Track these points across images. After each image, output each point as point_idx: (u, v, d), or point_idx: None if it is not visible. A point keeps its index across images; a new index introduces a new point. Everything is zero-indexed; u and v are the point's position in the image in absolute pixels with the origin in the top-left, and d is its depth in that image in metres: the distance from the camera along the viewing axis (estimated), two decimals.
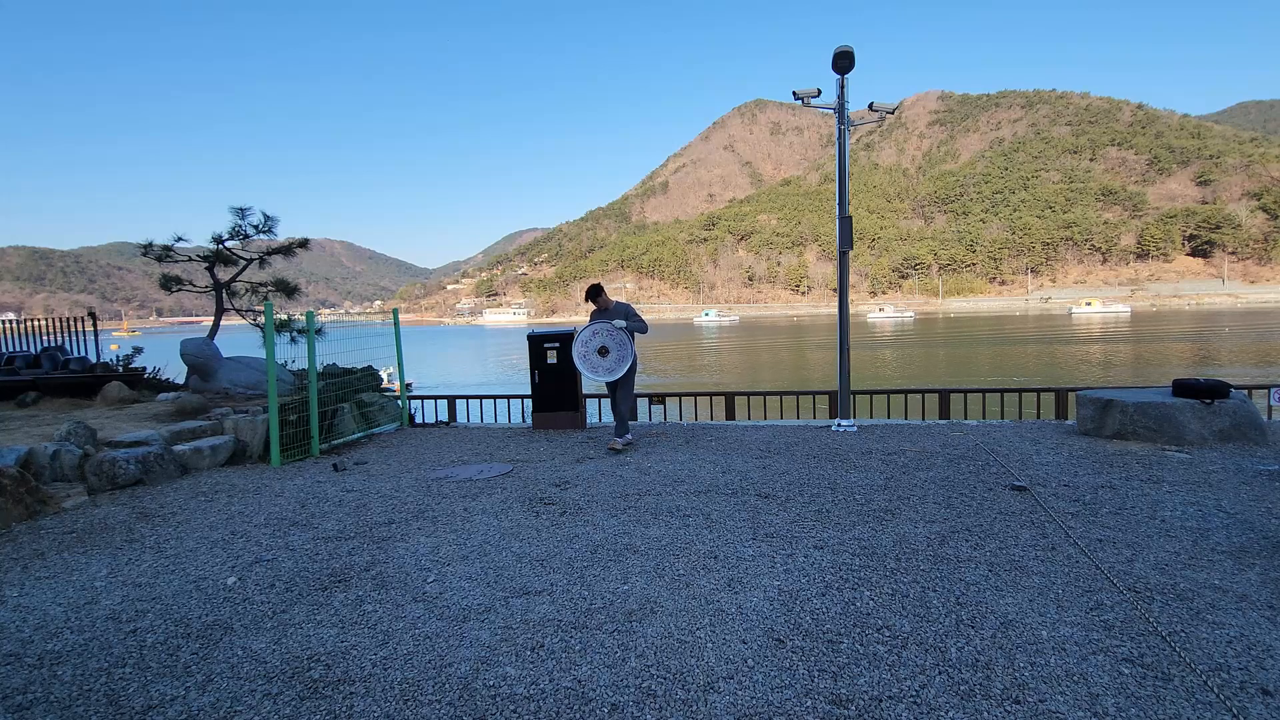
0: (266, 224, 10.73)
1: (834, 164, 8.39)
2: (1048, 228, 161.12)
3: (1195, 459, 5.55)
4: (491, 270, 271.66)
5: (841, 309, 8.12)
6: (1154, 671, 2.41)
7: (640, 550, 3.79)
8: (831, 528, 4.10)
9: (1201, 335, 51.29)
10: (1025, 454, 5.94)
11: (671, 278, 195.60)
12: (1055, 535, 3.86)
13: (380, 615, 3.07)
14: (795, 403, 9.95)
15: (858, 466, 5.68)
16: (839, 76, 7.85)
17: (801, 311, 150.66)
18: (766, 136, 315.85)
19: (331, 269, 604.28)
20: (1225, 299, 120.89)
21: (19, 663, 2.72)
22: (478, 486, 5.44)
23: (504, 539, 4.08)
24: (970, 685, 2.36)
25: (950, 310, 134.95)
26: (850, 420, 7.80)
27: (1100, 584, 3.17)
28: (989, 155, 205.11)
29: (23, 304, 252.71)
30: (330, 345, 8.65)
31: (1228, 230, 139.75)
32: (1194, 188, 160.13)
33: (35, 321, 10.82)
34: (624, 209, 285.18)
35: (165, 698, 2.44)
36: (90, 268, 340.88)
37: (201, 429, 6.71)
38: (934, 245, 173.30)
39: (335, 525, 4.48)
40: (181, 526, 4.53)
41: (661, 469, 5.79)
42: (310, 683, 2.51)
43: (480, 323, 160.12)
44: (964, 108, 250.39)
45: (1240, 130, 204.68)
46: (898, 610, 2.95)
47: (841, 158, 8.05)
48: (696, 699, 2.33)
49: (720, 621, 2.90)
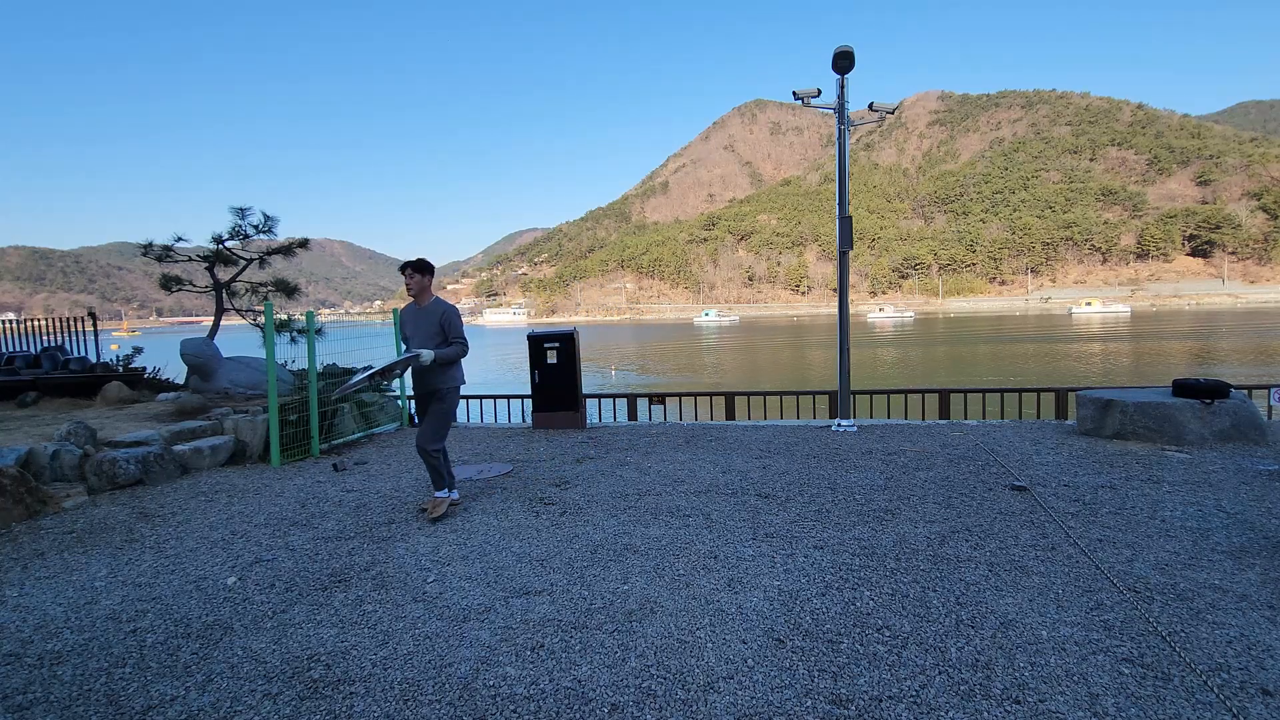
0: (266, 224, 10.73)
1: (834, 164, 8.39)
2: (1048, 228, 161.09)
3: (1195, 459, 5.55)
4: (491, 270, 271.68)
5: (841, 309, 8.12)
6: (1154, 671, 2.41)
7: (640, 550, 3.79)
8: (831, 528, 4.10)
9: (1201, 335, 51.31)
10: (1025, 454, 5.94)
11: (671, 278, 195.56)
12: (1055, 535, 3.86)
13: (380, 615, 3.07)
14: (795, 403, 9.95)
15: (858, 466, 5.68)
16: (839, 76, 7.86)
17: (801, 311, 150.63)
18: (766, 136, 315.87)
19: (331, 269, 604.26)
20: (1225, 299, 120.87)
21: (19, 663, 2.72)
22: (478, 486, 5.44)
23: (504, 539, 4.08)
24: (970, 685, 2.36)
25: (950, 310, 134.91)
26: (850, 420, 7.80)
27: (1100, 584, 3.17)
28: (989, 155, 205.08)
29: (23, 304, 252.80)
30: (330, 345, 8.65)
31: (1228, 230, 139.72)
32: (1194, 188, 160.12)
33: (35, 321, 10.83)
34: (624, 209, 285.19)
35: (165, 698, 2.44)
36: (90, 268, 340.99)
37: (201, 429, 6.70)
38: (934, 245, 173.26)
39: (335, 525, 4.48)
40: (182, 527, 4.53)
41: (661, 469, 5.79)
42: (310, 683, 2.51)
43: (480, 323, 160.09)
44: (964, 108, 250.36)
45: (1240, 130, 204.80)
46: (898, 610, 2.95)
47: (841, 158, 8.05)
48: (696, 699, 2.33)
49: (720, 621, 2.90)
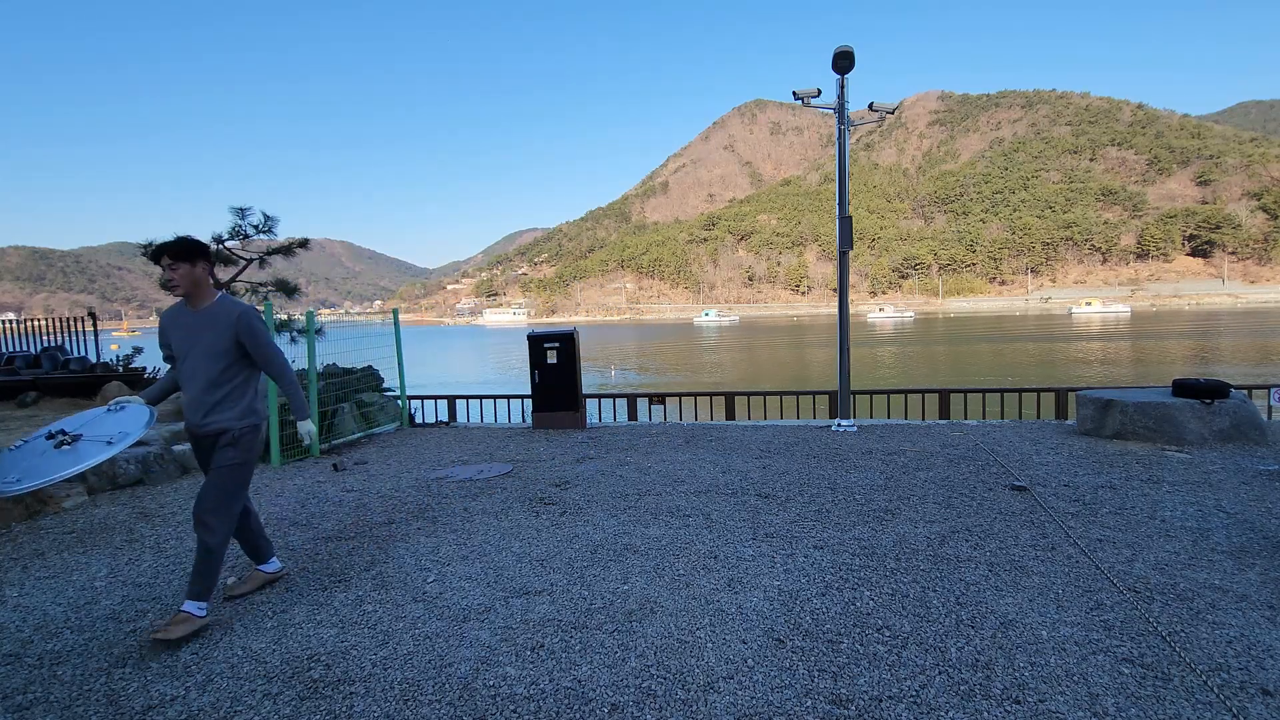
0: (266, 224, 10.72)
1: (834, 164, 8.39)
2: (1048, 228, 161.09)
3: (1195, 459, 5.55)
4: (491, 270, 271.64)
5: (841, 309, 8.12)
6: (1154, 671, 2.41)
7: (640, 550, 3.79)
8: (831, 528, 4.10)
9: (1201, 335, 51.30)
10: (1025, 454, 5.94)
11: (671, 278, 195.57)
12: (1055, 535, 3.86)
13: (380, 615, 3.07)
14: (795, 403, 9.95)
15: (858, 466, 5.68)
16: (839, 76, 7.86)
17: (801, 311, 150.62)
18: (766, 136, 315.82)
19: (331, 269, 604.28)
20: (1225, 299, 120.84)
21: (19, 663, 2.72)
22: (478, 486, 5.43)
23: (504, 539, 4.08)
24: (970, 685, 2.36)
25: (950, 310, 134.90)
26: (850, 420, 7.80)
27: (1100, 584, 3.17)
28: (989, 155, 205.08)
29: (23, 304, 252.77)
30: (330, 345, 8.65)
31: (1228, 230, 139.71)
32: (1194, 188, 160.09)
33: (35, 321, 10.83)
34: (624, 209, 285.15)
35: (165, 698, 2.44)
36: (90, 268, 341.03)
37: None
38: (934, 245, 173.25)
39: (335, 525, 4.48)
40: (182, 527, 4.52)
41: (661, 469, 5.79)
42: (310, 683, 2.51)
43: (480, 323, 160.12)
44: (964, 108, 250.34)
45: (1240, 130, 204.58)
46: (898, 610, 2.95)
47: (841, 158, 8.05)
48: (696, 699, 2.33)
49: (720, 621, 2.89)
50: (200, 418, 3.07)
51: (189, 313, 3.12)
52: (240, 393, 3.12)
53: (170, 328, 3.14)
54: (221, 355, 3.06)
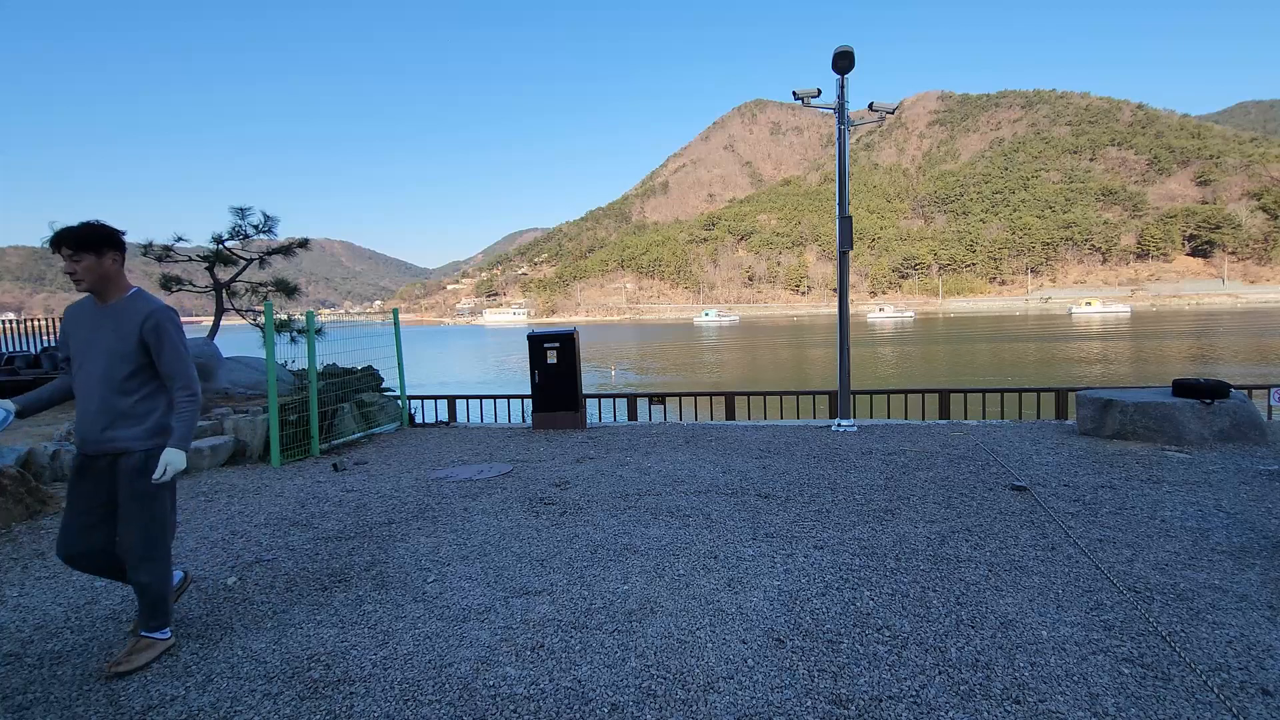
0: (266, 224, 10.74)
1: (834, 164, 8.39)
2: (1048, 228, 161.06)
3: (1195, 459, 5.55)
4: (491, 270, 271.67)
5: (841, 309, 8.12)
6: (1154, 671, 2.41)
7: (640, 550, 3.79)
8: (831, 528, 4.10)
9: (1201, 335, 51.30)
10: (1025, 454, 5.94)
11: (671, 278, 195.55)
12: (1055, 535, 3.86)
13: (380, 615, 3.07)
14: (795, 403, 9.95)
15: (858, 466, 5.68)
16: (839, 76, 7.86)
17: (801, 311, 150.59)
18: (766, 136, 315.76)
19: (331, 269, 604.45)
20: (1225, 299, 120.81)
21: (19, 663, 2.72)
22: (478, 486, 5.44)
23: (504, 539, 4.08)
24: (970, 685, 2.36)
25: (950, 310, 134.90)
26: (850, 420, 7.80)
27: (1100, 584, 3.17)
28: (989, 155, 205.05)
29: (23, 304, 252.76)
30: (330, 345, 8.65)
31: (1228, 230, 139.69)
32: (1194, 188, 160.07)
33: (35, 321, 10.83)
34: (624, 209, 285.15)
35: (165, 698, 2.44)
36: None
37: (201, 429, 6.70)
38: (934, 245, 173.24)
39: (335, 525, 4.48)
40: (181, 527, 4.52)
41: (661, 469, 5.79)
42: (310, 683, 2.51)
43: (480, 323, 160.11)
44: (964, 108, 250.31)
45: (1240, 130, 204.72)
46: (898, 610, 2.95)
47: (841, 158, 8.05)
48: (696, 699, 2.33)
49: (720, 621, 2.90)
50: (97, 432, 2.57)
51: (94, 310, 2.64)
52: (149, 406, 2.63)
53: (71, 327, 2.68)
54: (125, 358, 2.58)
